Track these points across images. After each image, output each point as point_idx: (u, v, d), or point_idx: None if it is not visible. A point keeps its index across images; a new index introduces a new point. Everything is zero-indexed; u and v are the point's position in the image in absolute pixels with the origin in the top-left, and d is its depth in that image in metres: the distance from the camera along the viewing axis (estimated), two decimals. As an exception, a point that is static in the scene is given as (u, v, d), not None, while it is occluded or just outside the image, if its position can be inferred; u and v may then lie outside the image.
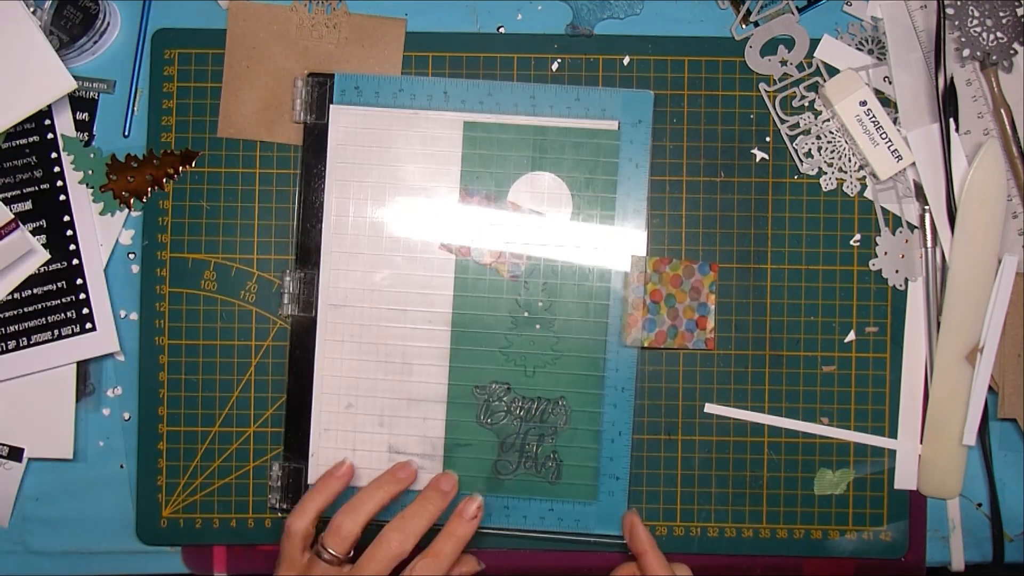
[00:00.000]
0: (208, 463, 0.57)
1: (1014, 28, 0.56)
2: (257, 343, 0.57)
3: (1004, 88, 0.56)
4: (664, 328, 0.53)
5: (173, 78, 0.57)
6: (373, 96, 0.56)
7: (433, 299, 0.56)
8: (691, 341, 0.55)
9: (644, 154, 0.56)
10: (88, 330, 0.56)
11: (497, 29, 0.58)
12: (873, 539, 0.57)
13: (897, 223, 0.57)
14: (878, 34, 0.57)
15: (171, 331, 0.57)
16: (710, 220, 0.57)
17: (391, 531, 0.49)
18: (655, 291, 0.53)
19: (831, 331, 0.57)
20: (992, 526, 0.58)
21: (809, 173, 0.57)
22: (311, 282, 0.56)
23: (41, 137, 0.56)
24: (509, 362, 0.56)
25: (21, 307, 0.56)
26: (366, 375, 0.56)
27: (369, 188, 0.56)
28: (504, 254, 0.56)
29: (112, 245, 0.57)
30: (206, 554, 0.58)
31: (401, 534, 0.49)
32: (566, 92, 0.56)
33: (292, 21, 0.57)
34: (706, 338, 0.56)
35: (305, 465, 0.56)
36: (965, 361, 0.56)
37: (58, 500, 0.57)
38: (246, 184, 0.57)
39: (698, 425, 0.57)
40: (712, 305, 0.56)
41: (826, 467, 0.57)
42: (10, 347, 0.56)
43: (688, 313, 0.55)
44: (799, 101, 0.57)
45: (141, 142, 0.57)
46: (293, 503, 0.56)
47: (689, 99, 0.57)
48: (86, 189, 0.57)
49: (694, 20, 0.58)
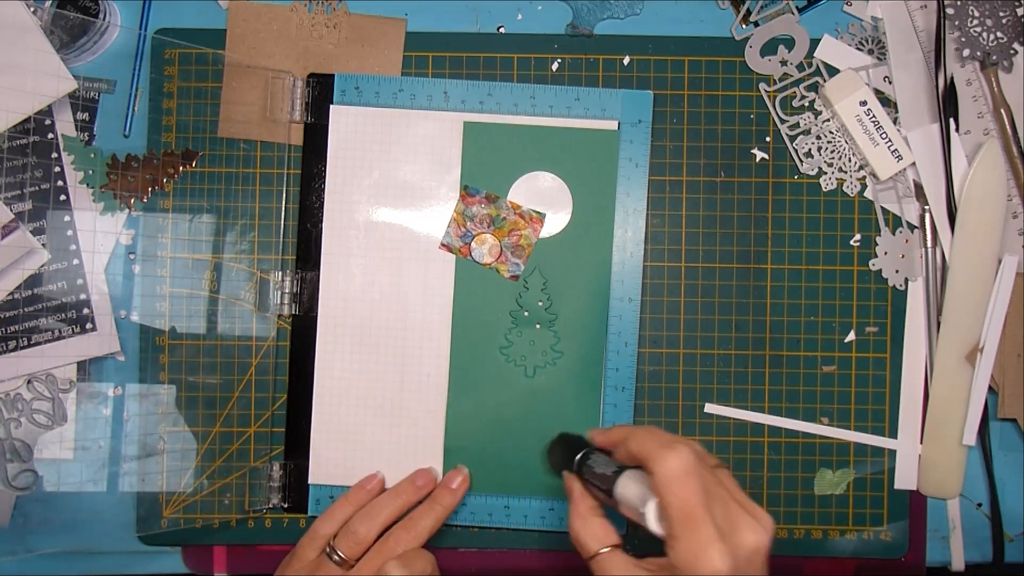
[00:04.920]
0: (208, 463, 0.57)
1: (1014, 28, 0.56)
2: (257, 343, 0.57)
3: (1004, 88, 0.56)
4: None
5: (173, 78, 0.57)
6: (373, 96, 0.56)
7: (433, 299, 0.56)
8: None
9: (644, 154, 0.56)
10: (88, 330, 0.56)
11: (497, 29, 0.58)
12: (873, 539, 0.57)
13: (897, 223, 0.57)
14: (878, 34, 0.57)
15: (171, 331, 0.57)
16: (710, 220, 0.57)
17: (399, 529, 0.50)
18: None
19: (831, 331, 0.57)
20: (992, 526, 0.58)
21: (809, 173, 0.57)
22: (311, 282, 0.56)
23: (41, 137, 0.56)
24: (509, 362, 0.56)
25: (21, 307, 0.56)
26: (366, 375, 0.56)
27: (369, 188, 0.56)
28: (504, 254, 0.56)
29: (112, 245, 0.57)
30: (206, 554, 0.58)
31: (409, 533, 0.50)
32: (566, 92, 0.56)
33: (292, 21, 0.57)
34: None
35: (305, 465, 0.56)
36: (965, 361, 0.56)
37: (58, 500, 0.57)
38: (246, 184, 0.57)
39: (698, 425, 0.57)
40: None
41: (826, 467, 0.57)
42: (10, 347, 0.56)
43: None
44: (799, 101, 0.57)
45: (141, 142, 0.57)
46: (293, 503, 0.56)
47: (689, 99, 0.57)
48: (86, 189, 0.57)
49: (694, 20, 0.58)
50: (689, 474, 0.38)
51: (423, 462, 0.56)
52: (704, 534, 0.37)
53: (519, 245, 0.56)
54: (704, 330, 0.57)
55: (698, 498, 0.38)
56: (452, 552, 0.57)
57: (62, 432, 0.56)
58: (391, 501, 0.52)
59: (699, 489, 0.38)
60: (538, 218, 0.56)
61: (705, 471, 0.39)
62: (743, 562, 0.38)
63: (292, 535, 0.57)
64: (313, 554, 0.51)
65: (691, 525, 0.37)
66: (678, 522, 0.38)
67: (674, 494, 0.38)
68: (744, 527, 0.38)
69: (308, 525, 0.57)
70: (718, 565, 0.37)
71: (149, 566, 0.58)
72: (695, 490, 0.38)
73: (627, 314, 0.56)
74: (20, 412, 0.56)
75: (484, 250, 0.56)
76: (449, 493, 0.53)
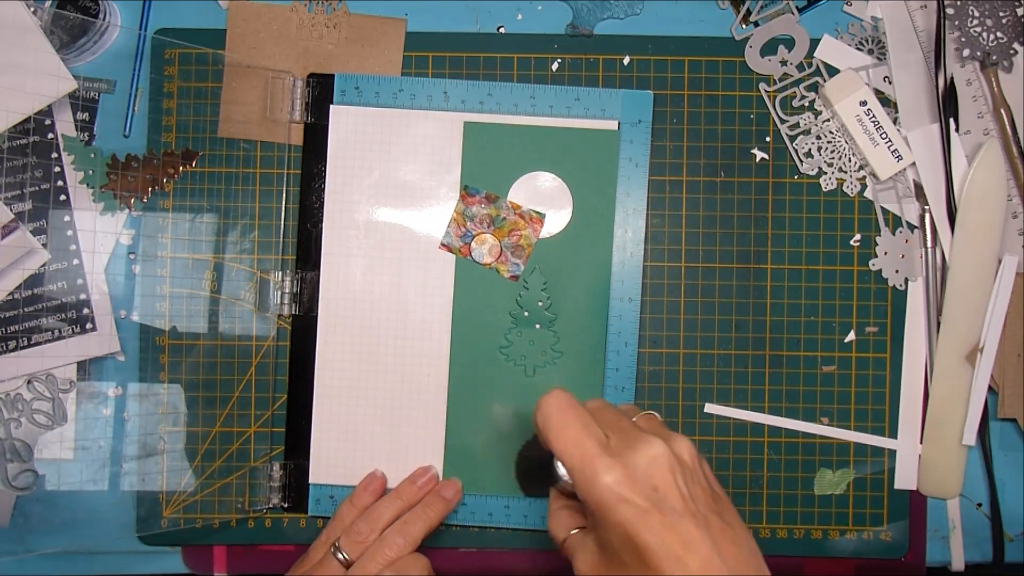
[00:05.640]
0: (208, 463, 0.57)
1: (1014, 28, 0.56)
2: (257, 343, 0.57)
3: (1004, 88, 0.56)
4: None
5: (173, 78, 0.57)
6: (373, 96, 0.56)
7: (433, 299, 0.56)
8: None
9: (644, 154, 0.56)
10: (88, 330, 0.56)
11: (497, 29, 0.58)
12: (873, 539, 0.57)
13: (897, 223, 0.57)
14: (878, 34, 0.57)
15: (171, 331, 0.57)
16: (710, 220, 0.57)
17: (393, 534, 0.51)
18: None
19: (831, 331, 0.57)
20: (992, 526, 0.58)
21: (809, 173, 0.57)
22: (311, 282, 0.56)
23: (41, 137, 0.56)
24: (509, 362, 0.56)
25: (21, 307, 0.56)
26: (366, 375, 0.56)
27: (369, 188, 0.56)
28: (504, 254, 0.56)
29: (112, 245, 0.57)
30: (206, 554, 0.58)
31: (402, 537, 0.51)
32: (566, 92, 0.56)
33: (292, 21, 0.57)
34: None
35: (305, 465, 0.56)
36: (965, 361, 0.56)
37: (58, 500, 0.57)
38: (246, 184, 0.57)
39: (698, 425, 0.57)
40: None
41: (826, 467, 0.57)
42: (10, 347, 0.56)
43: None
44: (799, 101, 0.57)
45: (141, 142, 0.57)
46: (293, 503, 0.56)
47: (689, 99, 0.57)
48: (86, 189, 0.57)
49: (694, 20, 0.58)
50: (560, 411, 0.39)
51: (423, 462, 0.56)
52: (585, 455, 0.37)
53: (519, 245, 0.56)
54: (704, 330, 0.57)
55: (574, 428, 0.38)
56: (452, 552, 0.57)
57: (62, 432, 0.56)
58: (393, 503, 0.53)
59: (572, 420, 0.39)
60: (538, 218, 0.56)
61: (581, 410, 0.40)
62: (640, 474, 0.37)
63: (292, 535, 0.57)
64: (320, 553, 0.52)
65: (575, 454, 0.38)
66: (567, 458, 0.38)
67: (552, 433, 0.39)
68: (637, 443, 0.38)
69: (308, 525, 0.57)
70: (606, 480, 0.36)
71: (149, 566, 0.58)
72: (568, 421, 0.39)
73: (627, 314, 0.56)
74: (20, 412, 0.56)
75: (484, 250, 0.56)
76: (442, 502, 0.53)
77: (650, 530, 0.35)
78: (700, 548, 0.35)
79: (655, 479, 0.37)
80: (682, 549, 0.35)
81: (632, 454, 0.37)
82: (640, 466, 0.37)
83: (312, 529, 0.57)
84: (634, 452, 0.37)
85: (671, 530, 0.35)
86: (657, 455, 0.37)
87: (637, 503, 0.36)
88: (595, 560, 0.39)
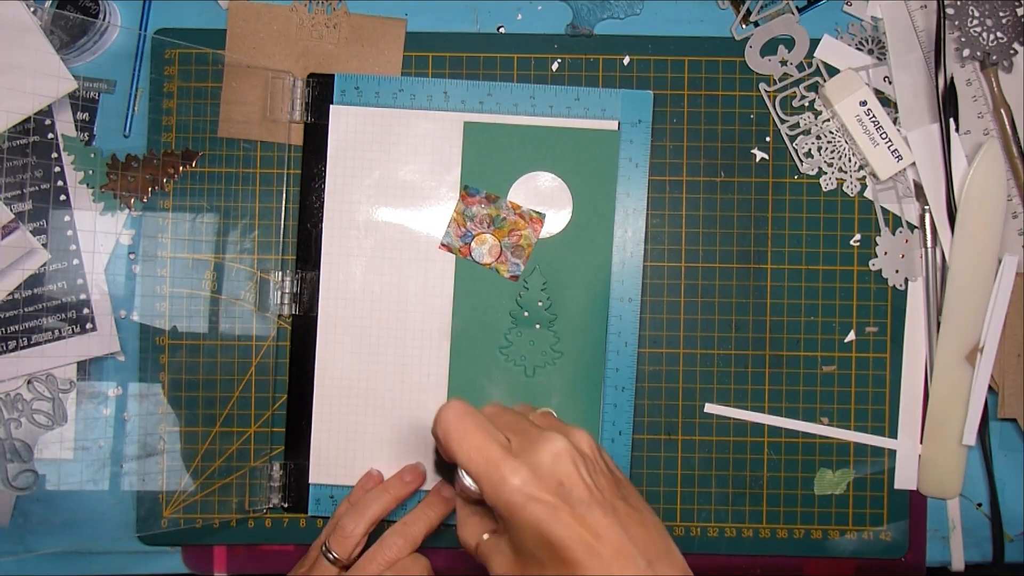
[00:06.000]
0: (208, 463, 0.57)
1: (1014, 28, 0.56)
2: (257, 343, 0.57)
3: (1004, 88, 0.56)
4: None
5: (173, 78, 0.57)
6: (373, 96, 0.56)
7: (433, 299, 0.56)
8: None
9: (644, 154, 0.56)
10: (88, 330, 0.56)
11: (497, 29, 0.58)
12: (873, 539, 0.57)
13: (897, 223, 0.57)
14: (878, 34, 0.57)
15: (171, 331, 0.57)
16: (710, 220, 0.57)
17: (392, 535, 0.51)
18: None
19: (831, 331, 0.57)
20: (992, 526, 0.58)
21: (809, 173, 0.57)
22: (311, 282, 0.56)
23: (41, 137, 0.56)
24: (509, 362, 0.56)
25: (21, 307, 0.56)
26: (366, 375, 0.56)
27: (369, 188, 0.56)
28: (504, 254, 0.56)
29: (112, 245, 0.57)
30: (206, 554, 0.58)
31: (402, 538, 0.50)
32: (566, 92, 0.56)
33: (292, 21, 0.57)
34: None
35: (305, 465, 0.56)
36: (965, 361, 0.56)
37: (58, 500, 0.57)
38: (246, 184, 0.57)
39: (698, 425, 0.57)
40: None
41: (826, 467, 0.57)
42: (10, 347, 0.56)
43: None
44: (799, 101, 0.57)
45: (141, 142, 0.57)
46: (293, 503, 0.56)
47: (689, 99, 0.57)
48: (86, 189, 0.57)
49: (694, 20, 0.58)
50: (459, 420, 0.39)
51: (423, 461, 0.56)
52: (489, 460, 0.38)
53: (519, 245, 0.56)
54: (704, 330, 0.57)
55: (475, 435, 0.39)
56: (451, 552, 0.57)
57: (62, 432, 0.56)
58: (378, 497, 0.53)
59: (471, 427, 0.39)
60: (538, 218, 0.56)
61: (479, 416, 0.40)
62: (545, 471, 0.37)
63: (292, 535, 0.57)
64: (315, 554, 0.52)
65: (479, 460, 0.38)
66: (472, 466, 0.39)
67: (453, 443, 0.39)
68: (538, 441, 0.38)
69: (308, 525, 0.57)
70: (513, 482, 0.37)
71: (149, 566, 0.58)
72: (467, 429, 0.39)
73: (627, 314, 0.56)
74: (20, 412, 0.56)
75: (484, 250, 0.56)
76: (442, 501, 0.53)
77: (562, 524, 0.36)
78: (611, 535, 0.36)
79: (560, 474, 0.37)
80: (594, 539, 0.36)
81: (535, 453, 0.38)
82: (544, 464, 0.38)
83: (312, 529, 0.57)
84: (536, 451, 0.38)
85: (581, 522, 0.36)
86: (559, 450, 0.38)
87: (546, 500, 0.36)
88: (510, 562, 0.39)
